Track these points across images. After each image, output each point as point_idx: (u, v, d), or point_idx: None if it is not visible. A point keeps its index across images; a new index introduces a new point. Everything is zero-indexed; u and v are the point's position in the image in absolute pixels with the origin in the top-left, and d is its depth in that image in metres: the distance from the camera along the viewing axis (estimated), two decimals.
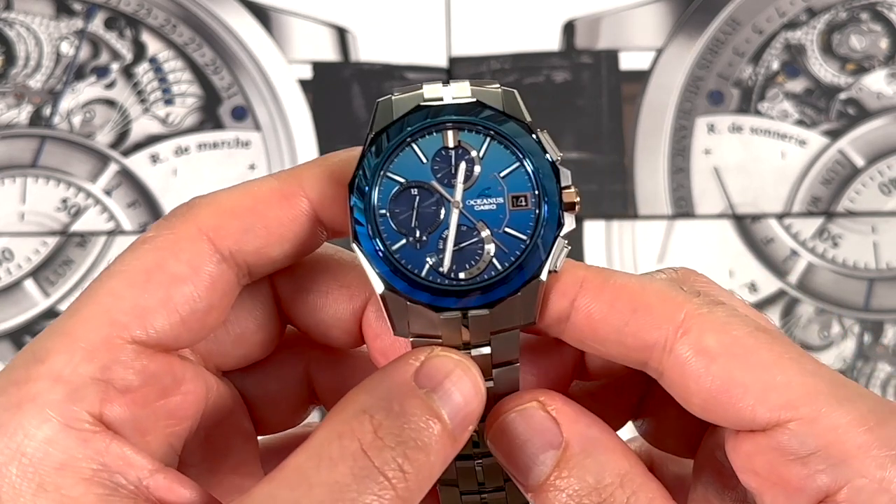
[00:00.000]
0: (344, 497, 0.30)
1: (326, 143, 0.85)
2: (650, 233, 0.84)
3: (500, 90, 0.35)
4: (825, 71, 0.87)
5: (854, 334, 0.82)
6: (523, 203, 0.34)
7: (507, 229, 0.34)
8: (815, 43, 0.88)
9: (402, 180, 0.34)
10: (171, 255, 0.34)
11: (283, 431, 0.42)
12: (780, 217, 0.84)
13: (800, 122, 0.86)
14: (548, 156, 0.34)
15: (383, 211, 0.34)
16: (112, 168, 0.84)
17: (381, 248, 0.33)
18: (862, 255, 0.84)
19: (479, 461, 0.36)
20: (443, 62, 0.87)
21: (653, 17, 0.89)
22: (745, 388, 0.32)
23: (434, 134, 0.34)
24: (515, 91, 0.35)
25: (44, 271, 0.82)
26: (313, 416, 0.43)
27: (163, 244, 0.34)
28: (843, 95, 0.87)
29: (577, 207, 0.34)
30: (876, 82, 0.87)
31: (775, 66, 0.87)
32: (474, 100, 0.34)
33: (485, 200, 0.34)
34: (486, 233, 0.34)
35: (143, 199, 0.83)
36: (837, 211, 0.84)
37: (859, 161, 0.85)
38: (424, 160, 0.34)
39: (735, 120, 0.86)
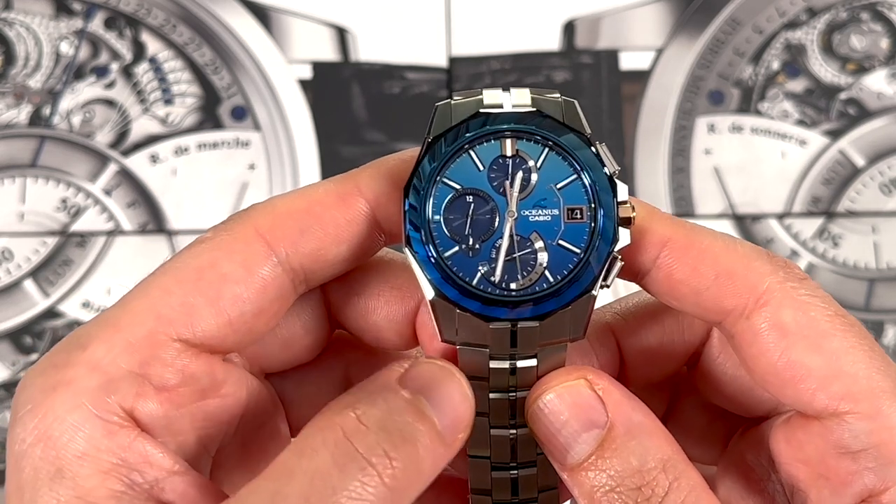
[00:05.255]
0: (325, 484, 0.29)
1: (326, 143, 0.85)
2: None
3: (560, 100, 0.34)
4: (825, 71, 0.87)
5: None
6: (579, 216, 0.34)
7: (561, 242, 0.34)
8: (816, 43, 0.88)
9: (457, 186, 0.34)
10: (225, 255, 0.33)
11: None
12: (781, 217, 0.84)
13: (800, 122, 0.86)
14: (605, 169, 0.34)
15: (437, 217, 0.33)
16: (111, 168, 0.84)
17: (434, 254, 0.33)
18: (862, 255, 0.83)
19: (513, 432, 0.36)
20: (443, 62, 0.87)
21: (653, 16, 0.89)
22: (810, 372, 0.32)
23: (492, 141, 0.34)
24: (576, 101, 0.35)
25: (43, 271, 0.82)
26: None
27: (219, 244, 0.34)
28: (843, 95, 0.87)
29: (632, 222, 0.34)
30: (876, 82, 0.87)
31: (775, 65, 0.87)
32: (534, 108, 0.34)
33: (540, 211, 0.34)
34: (539, 244, 0.34)
35: (143, 198, 0.83)
36: (838, 211, 0.84)
37: (860, 161, 0.85)
38: (481, 167, 0.34)
39: (735, 120, 0.86)
